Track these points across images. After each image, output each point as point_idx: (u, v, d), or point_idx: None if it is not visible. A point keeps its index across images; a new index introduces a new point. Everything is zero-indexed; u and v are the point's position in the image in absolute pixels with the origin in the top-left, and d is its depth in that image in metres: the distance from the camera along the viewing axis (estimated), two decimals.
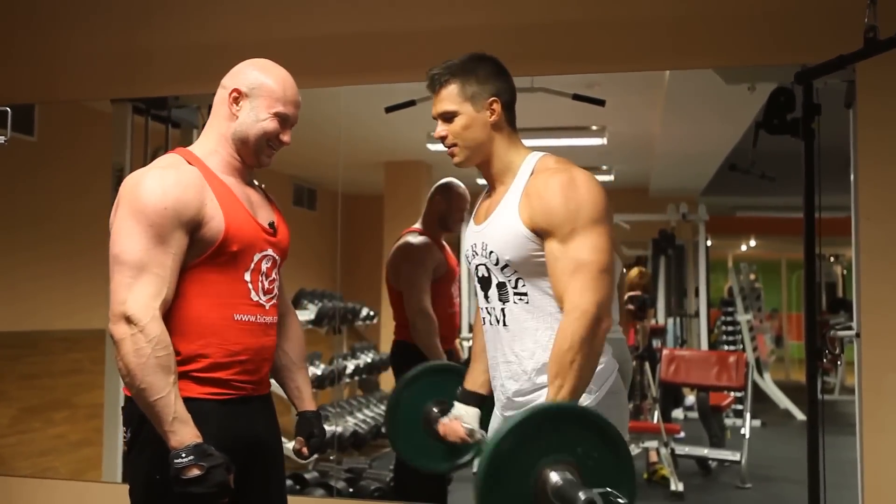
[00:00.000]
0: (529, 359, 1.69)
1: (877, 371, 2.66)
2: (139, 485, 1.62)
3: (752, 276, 7.42)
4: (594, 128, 4.92)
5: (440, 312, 3.11)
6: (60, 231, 4.20)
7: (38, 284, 4.02)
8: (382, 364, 5.67)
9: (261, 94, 1.68)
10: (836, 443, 2.72)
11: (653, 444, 4.51)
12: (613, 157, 5.93)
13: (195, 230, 1.58)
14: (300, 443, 1.84)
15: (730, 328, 6.85)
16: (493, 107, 1.72)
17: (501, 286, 1.71)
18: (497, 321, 1.73)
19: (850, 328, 2.70)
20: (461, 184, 3.22)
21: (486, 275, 1.74)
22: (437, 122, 1.76)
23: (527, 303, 1.68)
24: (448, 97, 1.72)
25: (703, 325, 6.41)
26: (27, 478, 3.54)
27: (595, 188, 1.64)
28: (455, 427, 1.87)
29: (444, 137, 1.75)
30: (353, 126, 4.55)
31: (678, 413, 5.89)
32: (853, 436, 2.68)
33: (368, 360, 5.62)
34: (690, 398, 5.98)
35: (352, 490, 4.01)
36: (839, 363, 2.78)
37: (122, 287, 1.52)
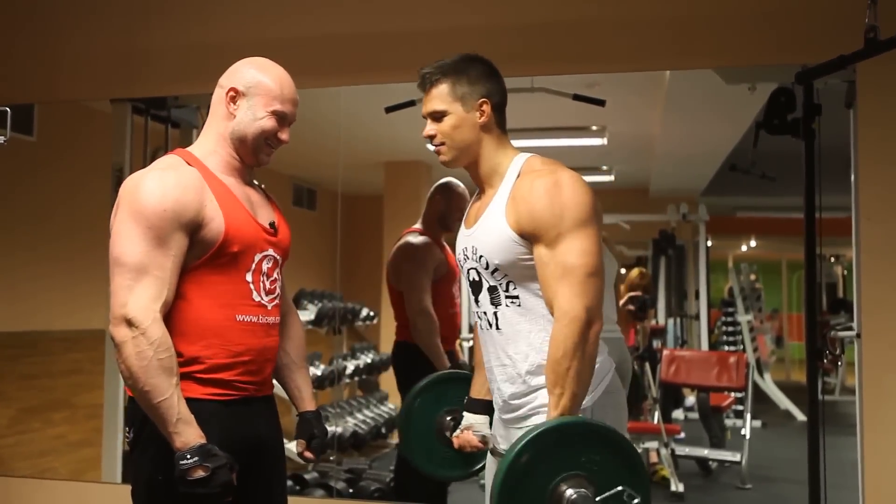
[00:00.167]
0: (523, 361, 1.68)
1: (877, 371, 2.66)
2: (142, 485, 1.62)
3: (753, 277, 7.41)
4: (594, 128, 4.91)
5: (441, 313, 3.10)
6: (60, 231, 4.19)
7: (38, 284, 4.01)
8: (382, 364, 5.66)
9: (258, 93, 1.67)
10: (837, 443, 2.72)
11: (653, 445, 4.51)
12: (614, 158, 5.92)
13: (195, 231, 1.58)
14: (302, 445, 1.84)
15: (730, 328, 6.83)
16: (483, 108, 1.71)
17: (493, 290, 1.71)
18: (490, 325, 1.73)
19: (851, 328, 2.70)
20: (461, 183, 3.21)
21: (477, 279, 1.74)
22: (427, 121, 1.76)
23: (518, 305, 1.68)
24: (438, 96, 1.72)
25: (704, 326, 6.40)
26: (26, 478, 3.54)
27: (580, 189, 1.62)
28: (468, 437, 1.91)
29: (433, 136, 1.74)
30: (353, 126, 4.55)
31: (678, 413, 5.89)
32: (854, 436, 2.68)
33: (368, 361, 5.62)
34: (691, 399, 5.98)
35: (351, 491, 4.01)
36: (840, 364, 2.77)
37: (123, 290, 1.52)
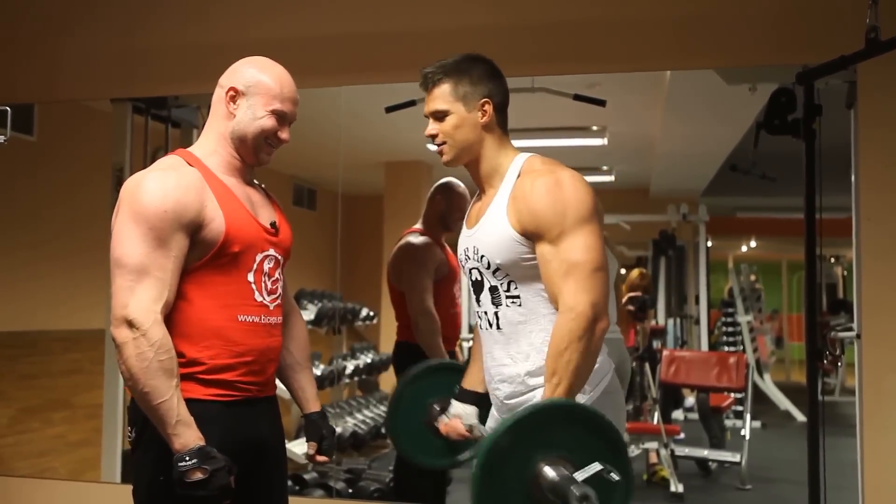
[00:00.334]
0: (524, 361, 1.69)
1: (877, 372, 2.66)
2: (143, 485, 1.62)
3: (753, 277, 7.40)
4: (595, 128, 4.91)
5: (442, 313, 3.09)
6: (60, 231, 4.19)
7: (38, 284, 4.01)
8: (382, 364, 5.66)
9: (257, 92, 1.67)
10: (837, 444, 2.71)
11: (653, 446, 4.50)
12: (614, 158, 5.92)
13: (196, 232, 1.58)
14: (313, 447, 1.86)
15: (730, 329, 6.83)
16: (485, 108, 1.72)
17: (494, 290, 1.71)
18: (490, 324, 1.74)
19: (851, 329, 2.69)
20: (461, 183, 3.21)
21: (479, 279, 1.74)
22: (429, 120, 1.76)
23: (519, 305, 1.68)
24: (440, 96, 1.73)
25: (704, 327, 6.40)
26: (26, 478, 3.53)
27: (581, 187, 1.62)
28: (455, 425, 1.91)
29: (435, 136, 1.75)
30: (353, 126, 4.54)
31: (678, 414, 5.88)
32: (854, 437, 2.68)
33: (368, 361, 5.61)
34: (690, 399, 5.97)
35: (351, 491, 4.00)
36: (840, 364, 2.77)
37: (124, 291, 1.52)
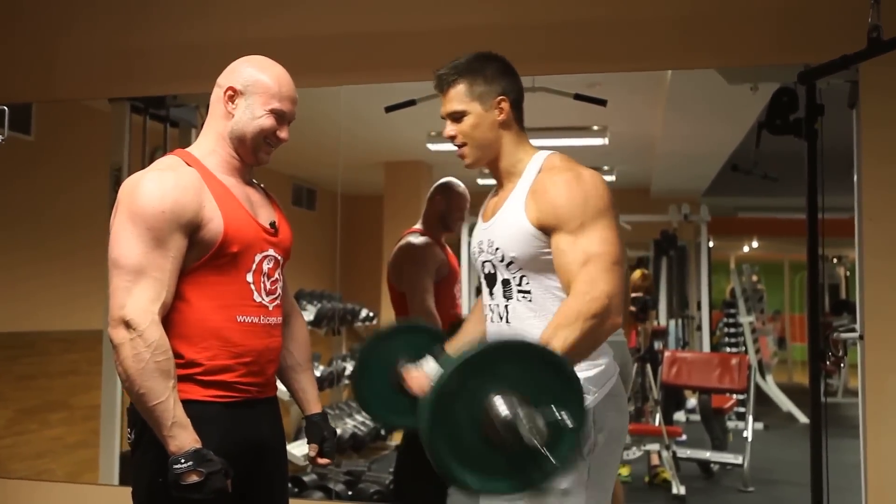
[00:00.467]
0: None
1: (880, 373, 2.65)
2: (142, 486, 1.61)
3: (755, 278, 7.38)
4: (596, 128, 4.90)
5: (443, 313, 3.08)
6: (57, 231, 4.18)
7: (36, 284, 4.00)
8: None
9: (256, 91, 1.66)
10: (840, 445, 2.71)
11: (654, 447, 4.49)
12: (615, 158, 5.92)
13: (194, 232, 1.58)
14: (314, 450, 1.85)
15: (732, 330, 6.82)
16: (502, 105, 1.73)
17: (506, 283, 1.72)
18: (500, 318, 1.74)
19: (854, 330, 2.68)
20: (461, 183, 3.20)
21: (492, 271, 1.75)
22: (446, 123, 1.77)
23: (530, 300, 1.69)
24: (456, 97, 1.73)
25: (706, 327, 6.38)
26: (23, 480, 3.52)
27: (601, 184, 1.65)
28: (420, 380, 1.85)
29: (454, 137, 1.76)
30: (353, 126, 4.54)
31: (680, 415, 5.87)
32: (856, 438, 2.67)
33: None
34: (692, 401, 5.96)
35: (350, 493, 3.98)
36: (842, 365, 2.76)
37: (121, 291, 1.52)
